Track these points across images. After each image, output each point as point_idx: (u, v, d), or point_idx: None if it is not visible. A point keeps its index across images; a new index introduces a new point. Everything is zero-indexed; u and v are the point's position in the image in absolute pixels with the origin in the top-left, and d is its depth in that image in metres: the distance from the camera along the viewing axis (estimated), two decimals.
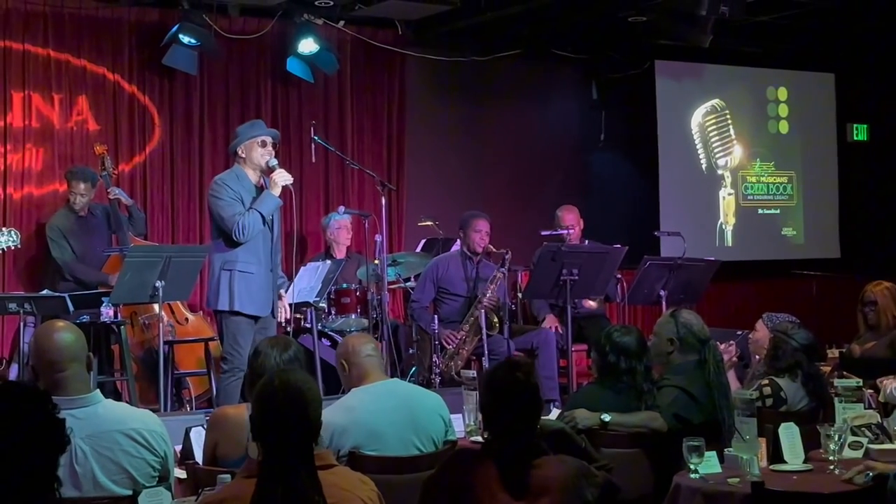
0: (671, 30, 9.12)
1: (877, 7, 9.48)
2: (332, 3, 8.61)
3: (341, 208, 8.07)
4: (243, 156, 6.26)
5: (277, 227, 6.32)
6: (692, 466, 3.89)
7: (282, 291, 6.40)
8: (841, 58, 11.07)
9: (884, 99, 11.21)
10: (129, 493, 3.37)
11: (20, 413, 2.28)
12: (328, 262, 7.36)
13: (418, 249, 8.67)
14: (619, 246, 7.51)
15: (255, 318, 6.19)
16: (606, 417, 4.45)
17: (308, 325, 7.17)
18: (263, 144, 6.25)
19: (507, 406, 3.02)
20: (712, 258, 8.11)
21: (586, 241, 8.00)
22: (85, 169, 7.67)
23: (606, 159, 10.50)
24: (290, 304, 6.46)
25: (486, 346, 7.13)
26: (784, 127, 11.22)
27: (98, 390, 3.49)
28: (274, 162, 6.24)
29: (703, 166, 10.75)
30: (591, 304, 7.74)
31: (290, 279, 6.61)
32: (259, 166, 6.23)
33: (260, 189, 6.25)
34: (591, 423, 4.42)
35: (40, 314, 6.43)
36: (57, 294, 6.67)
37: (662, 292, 7.49)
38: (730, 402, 4.43)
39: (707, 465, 3.92)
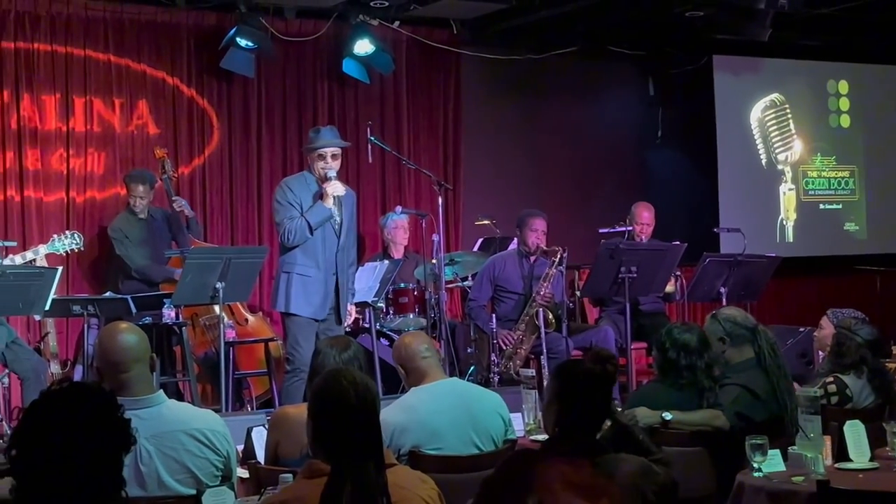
0: (729, 24, 9.01)
1: None
2: (387, 3, 8.63)
3: (398, 208, 8.09)
4: (310, 162, 6.36)
5: (346, 231, 6.36)
6: (756, 465, 3.84)
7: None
8: None
9: None
10: (193, 492, 3.40)
11: (86, 413, 2.29)
12: (386, 262, 7.39)
13: (475, 248, 8.66)
14: (678, 243, 7.44)
15: (318, 319, 6.24)
16: (668, 416, 4.41)
17: (367, 325, 7.20)
18: (321, 157, 6.31)
19: (589, 399, 2.98)
20: (773, 254, 8.02)
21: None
22: (143, 171, 7.77)
23: (664, 156, 10.42)
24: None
25: (544, 344, 7.10)
26: (845, 121, 11.05)
27: (162, 391, 3.53)
28: (331, 174, 6.30)
29: (763, 162, 10.63)
30: (669, 288, 7.55)
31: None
32: (319, 177, 6.31)
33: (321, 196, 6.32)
34: (652, 422, 4.39)
35: (103, 316, 6.52)
36: (119, 296, 6.76)
37: (722, 289, 7.41)
38: (791, 387, 4.43)
39: (771, 463, 3.87)
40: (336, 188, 6.27)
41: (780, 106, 10.68)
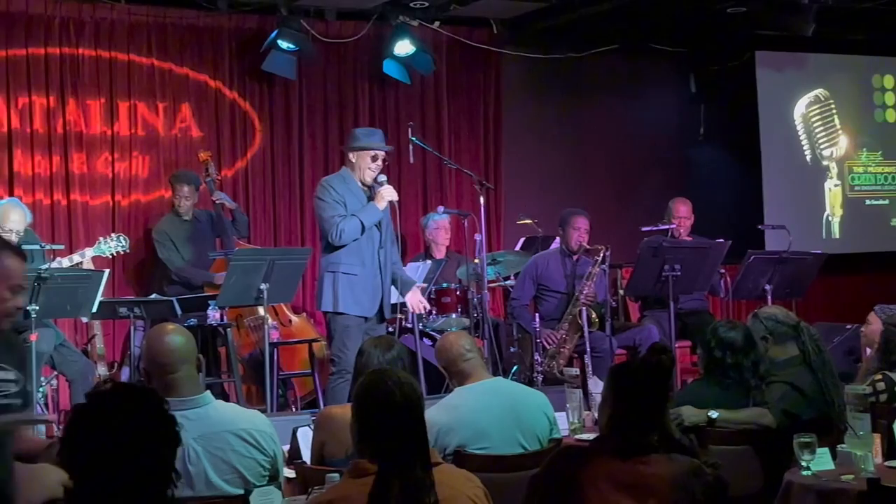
0: (772, 19, 8.94)
1: None
2: (427, 3, 8.64)
3: (440, 208, 8.09)
4: (353, 160, 6.36)
5: (387, 229, 6.38)
6: (804, 463, 3.81)
7: (416, 286, 6.59)
8: None
9: None
10: (241, 492, 3.42)
11: (131, 412, 2.31)
12: (429, 262, 7.40)
13: (517, 248, 8.65)
14: (721, 240, 7.39)
15: (364, 319, 6.25)
16: (714, 414, 4.37)
17: (409, 326, 7.20)
18: (374, 159, 6.35)
19: (644, 391, 2.96)
20: (819, 251, 7.94)
21: (688, 237, 7.89)
22: (187, 172, 7.84)
23: (707, 153, 10.35)
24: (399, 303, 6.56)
25: (587, 343, 7.08)
26: (891, 116, 10.91)
27: (209, 391, 3.56)
28: (383, 178, 6.35)
29: (808, 158, 10.52)
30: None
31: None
32: (363, 179, 6.33)
33: (368, 194, 6.33)
34: (698, 421, 4.35)
35: (149, 318, 6.58)
36: (165, 298, 6.82)
37: (767, 286, 7.35)
38: (838, 384, 4.41)
39: (819, 461, 3.83)
40: (392, 193, 6.33)
41: (824, 101, 10.57)
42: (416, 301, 6.52)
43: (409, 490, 2.72)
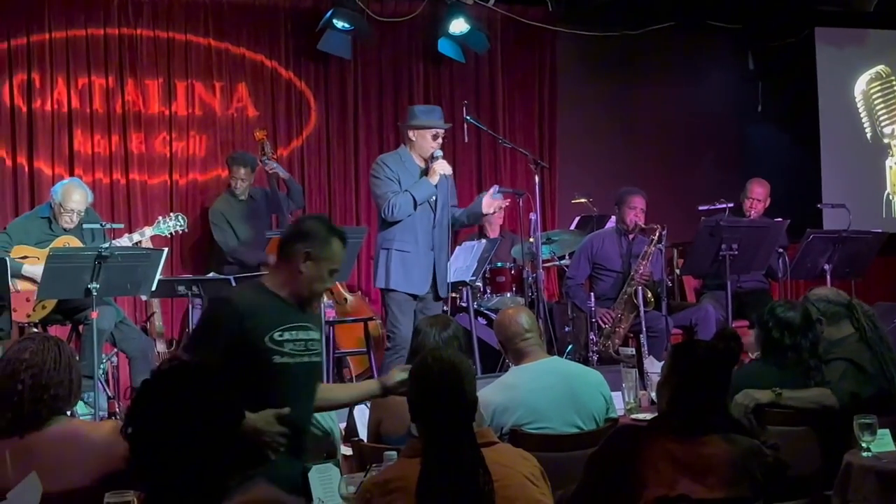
0: None
1: None
2: None
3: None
4: (413, 139, 6.37)
5: (443, 209, 6.37)
6: (864, 444, 3.77)
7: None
8: None
9: None
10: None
11: (197, 390, 2.34)
12: (483, 241, 7.38)
13: (572, 227, 8.62)
14: (780, 220, 7.30)
15: (415, 296, 6.26)
16: (781, 392, 4.32)
17: (464, 305, 7.21)
18: (435, 137, 6.35)
19: (708, 376, 2.95)
20: (879, 230, 7.81)
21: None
22: (244, 154, 7.90)
23: (764, 131, 10.22)
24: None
25: (643, 322, 7.04)
26: None
27: None
28: (438, 153, 6.35)
29: (868, 135, 10.35)
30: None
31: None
32: (424, 155, 6.33)
33: (423, 170, 6.33)
34: (766, 399, 4.29)
35: (207, 296, 6.65)
36: (222, 277, 6.88)
37: (827, 266, 7.26)
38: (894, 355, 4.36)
39: (880, 443, 3.79)
40: (445, 167, 6.31)
41: (885, 78, 10.38)
42: (488, 202, 6.49)
43: (456, 470, 2.74)
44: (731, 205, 7.84)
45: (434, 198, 6.31)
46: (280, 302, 3.68)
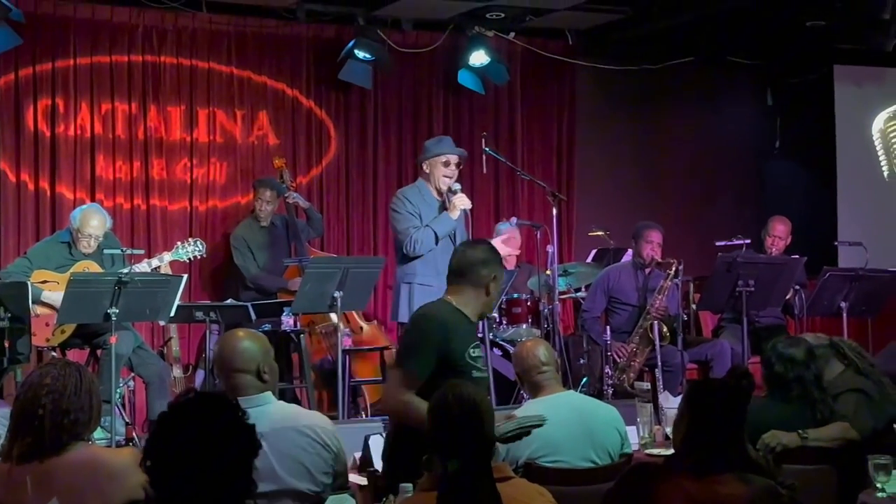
0: (852, 34, 8.82)
1: None
2: (503, 15, 8.68)
3: (514, 219, 8.12)
4: (427, 171, 6.41)
5: (460, 241, 6.39)
6: (879, 485, 3.76)
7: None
8: None
9: None
10: (307, 486, 3.49)
11: (213, 421, 2.36)
12: None
13: (589, 260, 8.63)
14: (797, 256, 7.31)
15: None
16: (805, 435, 4.32)
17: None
18: (447, 164, 6.39)
19: (721, 414, 2.96)
20: None
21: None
22: (272, 179, 7.94)
23: (782, 167, 10.24)
24: None
25: (658, 357, 7.04)
26: None
27: (270, 392, 3.64)
28: (457, 186, 6.38)
29: (885, 173, 10.34)
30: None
31: None
32: (439, 186, 6.35)
33: (441, 203, 6.36)
34: (791, 443, 4.29)
35: (224, 322, 6.67)
36: (240, 303, 6.92)
37: (843, 304, 7.25)
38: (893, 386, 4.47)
39: (895, 483, 3.78)
40: (465, 201, 6.34)
41: None
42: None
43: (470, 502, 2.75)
44: (748, 241, 7.85)
45: (454, 232, 6.34)
46: (467, 320, 3.98)
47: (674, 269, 7.21)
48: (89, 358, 6.68)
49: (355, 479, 4.29)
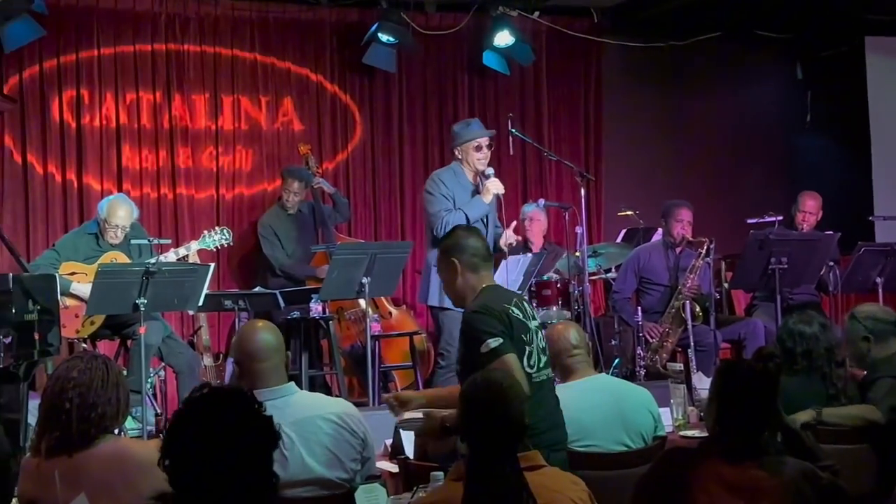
0: (883, 4, 8.67)
1: None
2: None
3: (541, 200, 8.06)
4: (460, 156, 6.42)
5: (491, 224, 6.37)
6: None
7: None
8: None
9: None
10: (339, 475, 3.49)
11: (228, 415, 2.33)
12: (529, 255, 7.35)
13: (619, 240, 8.56)
14: (830, 232, 7.20)
15: None
16: (821, 411, 4.26)
17: None
18: (479, 148, 6.37)
19: (748, 397, 2.90)
20: None
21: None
22: (300, 168, 7.90)
23: (813, 142, 10.10)
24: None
25: (691, 336, 6.96)
26: None
27: (293, 382, 3.67)
28: (490, 171, 6.36)
29: None
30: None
31: None
32: (477, 168, 6.33)
33: (476, 188, 6.34)
34: (807, 419, 4.24)
35: (253, 310, 6.68)
36: (269, 291, 6.90)
37: (878, 279, 7.14)
38: None
39: None
40: (498, 186, 6.35)
41: None
42: (510, 233, 6.51)
43: (499, 494, 2.71)
44: (780, 218, 7.74)
45: (486, 217, 6.32)
46: None
47: (705, 247, 7.13)
48: (119, 348, 6.69)
49: (386, 466, 4.27)
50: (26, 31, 7.48)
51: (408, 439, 4.29)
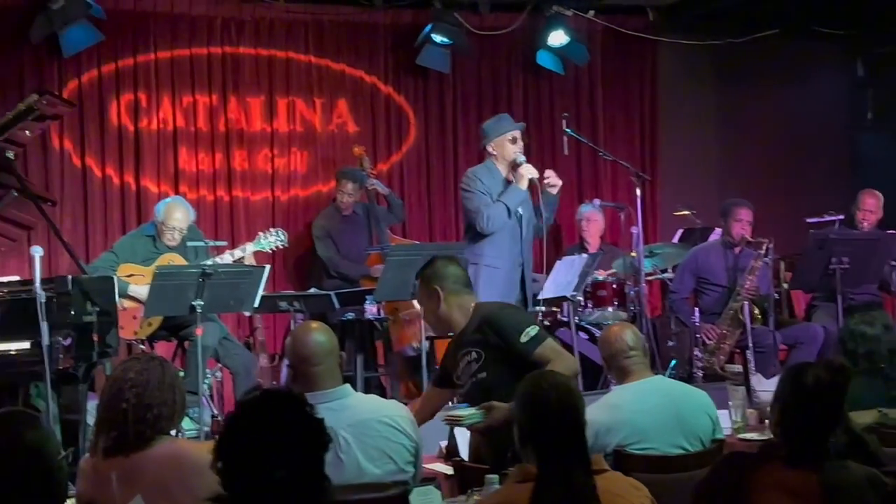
0: None
1: None
2: None
3: (596, 201, 8.01)
4: (494, 153, 6.39)
5: (527, 224, 6.34)
6: None
7: None
8: None
9: None
10: (393, 478, 3.48)
11: (281, 418, 2.32)
12: (584, 255, 7.29)
13: (675, 240, 8.47)
14: (892, 231, 7.07)
15: None
16: (885, 412, 4.18)
17: (565, 319, 7.13)
18: (514, 141, 6.35)
19: (814, 407, 2.84)
20: None
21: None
22: (355, 170, 7.92)
23: (875, 139, 9.93)
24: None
25: (750, 338, 6.86)
26: None
27: (348, 384, 3.66)
28: (522, 158, 6.31)
29: None
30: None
31: (544, 272, 6.60)
32: (514, 160, 6.31)
33: (509, 183, 6.31)
34: (871, 420, 4.15)
35: (308, 312, 6.70)
36: (324, 292, 6.92)
37: None
38: None
39: None
40: (531, 170, 6.32)
41: None
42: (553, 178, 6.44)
43: (569, 496, 2.69)
44: (840, 217, 7.62)
45: (520, 213, 6.28)
46: None
47: (765, 248, 7.02)
48: (176, 350, 6.74)
49: (441, 468, 4.25)
50: (85, 36, 7.58)
51: (463, 441, 4.27)
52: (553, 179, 6.38)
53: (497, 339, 4.12)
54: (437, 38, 8.36)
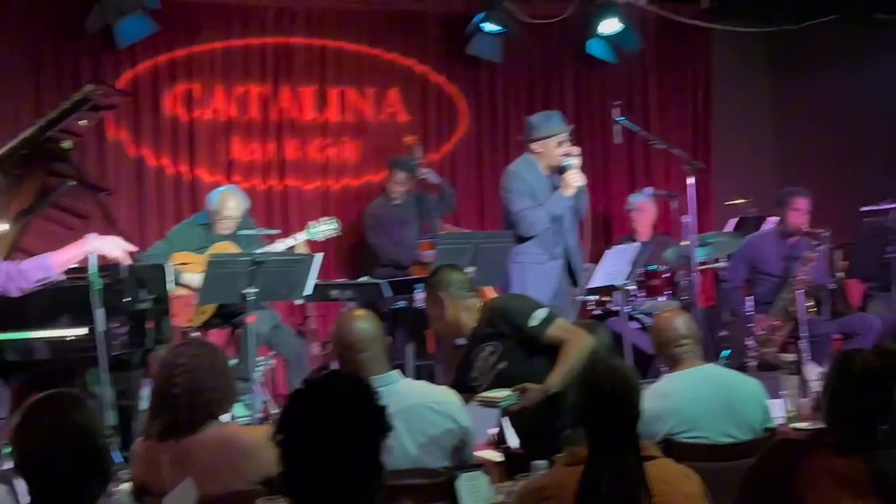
0: None
1: None
2: None
3: (649, 189, 7.95)
4: (539, 151, 6.31)
5: (572, 219, 6.32)
6: None
7: None
8: None
9: None
10: (442, 464, 3.49)
11: (345, 400, 2.33)
12: (635, 244, 7.25)
13: (729, 229, 8.39)
14: None
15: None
16: None
17: (616, 308, 7.10)
18: (560, 144, 6.28)
19: (863, 393, 2.81)
20: None
21: None
22: (406, 159, 7.92)
23: None
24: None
25: (804, 328, 6.79)
26: None
27: (397, 370, 3.69)
28: (569, 162, 6.27)
29: None
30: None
31: (594, 262, 6.58)
32: (559, 164, 6.26)
33: (550, 181, 6.27)
34: None
35: (360, 300, 6.72)
36: (374, 281, 6.94)
37: None
38: None
39: None
40: (579, 178, 6.26)
41: None
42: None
43: (619, 481, 2.69)
44: (893, 205, 7.50)
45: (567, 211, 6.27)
46: None
47: (820, 237, 6.93)
48: (230, 337, 6.80)
49: (490, 454, 4.25)
50: (139, 27, 7.66)
51: (510, 428, 4.27)
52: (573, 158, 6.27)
53: (509, 328, 4.19)
54: (488, 27, 8.35)
